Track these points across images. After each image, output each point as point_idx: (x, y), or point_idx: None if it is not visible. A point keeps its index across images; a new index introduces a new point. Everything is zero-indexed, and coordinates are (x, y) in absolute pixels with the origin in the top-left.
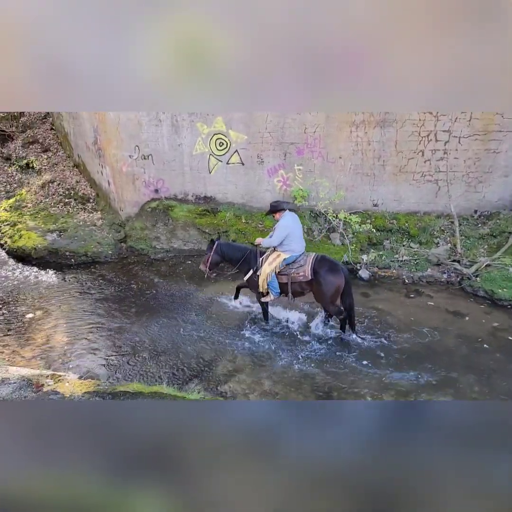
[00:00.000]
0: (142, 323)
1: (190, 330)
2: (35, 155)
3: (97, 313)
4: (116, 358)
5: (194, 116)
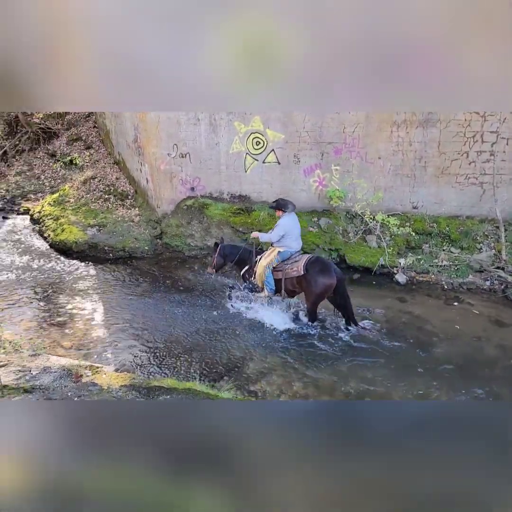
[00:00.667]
0: (176, 318)
1: (224, 327)
2: (78, 152)
3: (132, 307)
4: (149, 352)
5: (232, 115)
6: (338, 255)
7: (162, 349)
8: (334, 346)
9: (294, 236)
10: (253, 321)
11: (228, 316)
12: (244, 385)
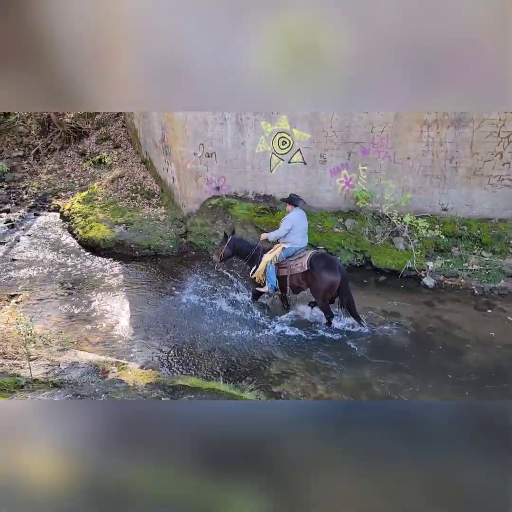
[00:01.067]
0: (199, 317)
1: (247, 327)
2: (107, 151)
3: (157, 305)
4: (173, 349)
5: (259, 114)
6: (363, 257)
7: (185, 347)
8: (358, 348)
9: (300, 232)
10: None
11: (250, 316)
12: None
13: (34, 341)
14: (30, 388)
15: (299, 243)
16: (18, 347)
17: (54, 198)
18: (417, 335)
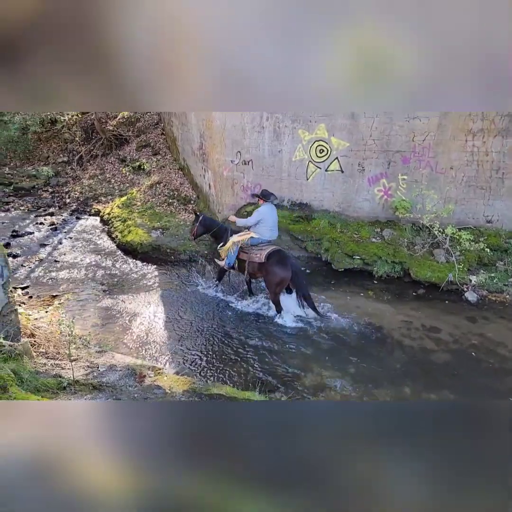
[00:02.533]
0: (235, 323)
1: (280, 336)
2: (146, 158)
3: (192, 310)
4: (208, 355)
5: (297, 123)
6: (401, 268)
7: (220, 354)
8: (395, 364)
9: (269, 226)
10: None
11: (284, 324)
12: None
13: (75, 342)
14: (72, 390)
15: (267, 236)
16: (59, 347)
17: (95, 202)
18: (459, 351)
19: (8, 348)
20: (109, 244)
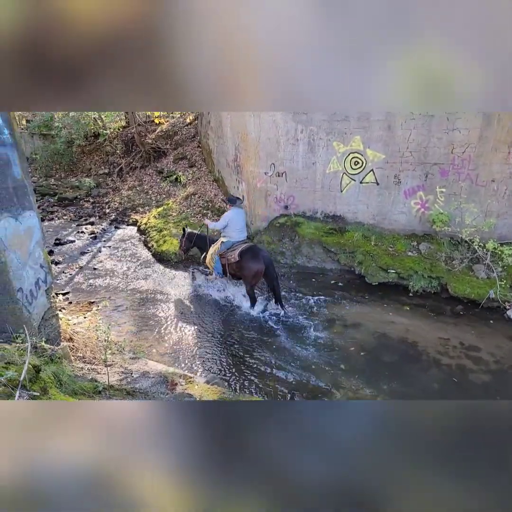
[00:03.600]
0: (267, 335)
1: (313, 350)
2: (183, 170)
3: (224, 320)
4: (237, 365)
5: (331, 135)
6: (439, 284)
7: (249, 364)
8: (431, 383)
9: (237, 228)
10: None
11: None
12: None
13: (110, 348)
14: (107, 395)
15: (235, 237)
16: (96, 352)
17: (133, 212)
18: (500, 373)
19: (49, 351)
20: (145, 253)
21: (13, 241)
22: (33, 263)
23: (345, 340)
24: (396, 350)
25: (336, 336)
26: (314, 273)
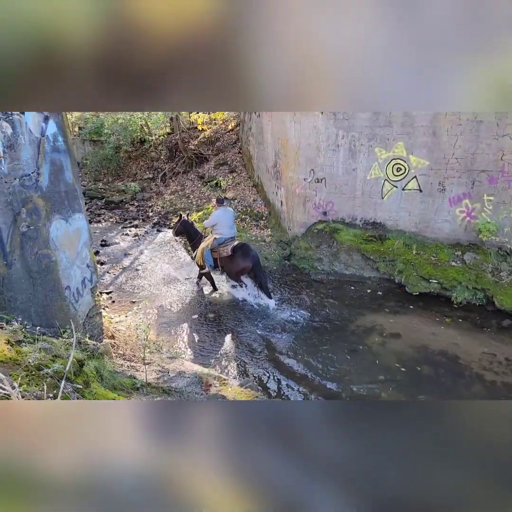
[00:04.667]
0: (300, 341)
1: (349, 358)
2: (223, 175)
3: (256, 326)
4: (270, 372)
5: (373, 141)
6: (484, 296)
7: (284, 369)
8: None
9: (226, 225)
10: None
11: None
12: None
13: (149, 347)
14: (144, 392)
15: (226, 233)
16: (135, 350)
17: (174, 216)
18: None
19: (92, 347)
20: (184, 256)
21: (63, 241)
22: (80, 263)
23: (384, 350)
24: (436, 363)
25: (375, 346)
26: (352, 280)
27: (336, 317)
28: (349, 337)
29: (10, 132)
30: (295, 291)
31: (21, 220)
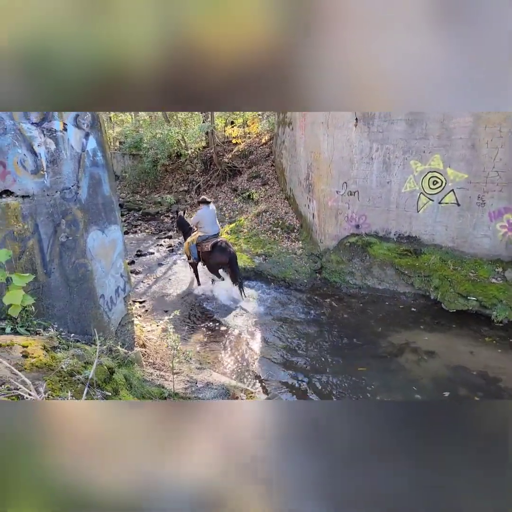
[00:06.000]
0: (330, 357)
1: (376, 377)
2: (256, 188)
3: (286, 337)
4: (299, 387)
5: (409, 153)
6: None
7: (314, 387)
8: None
9: (208, 223)
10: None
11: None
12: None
13: (178, 357)
14: (172, 401)
15: (209, 231)
16: (165, 360)
17: None
18: None
19: (123, 355)
20: None
21: (99, 251)
22: (114, 272)
23: (418, 369)
24: (474, 385)
25: (408, 364)
26: (385, 295)
27: (369, 332)
28: (381, 354)
29: (54, 148)
30: (326, 305)
31: (61, 231)
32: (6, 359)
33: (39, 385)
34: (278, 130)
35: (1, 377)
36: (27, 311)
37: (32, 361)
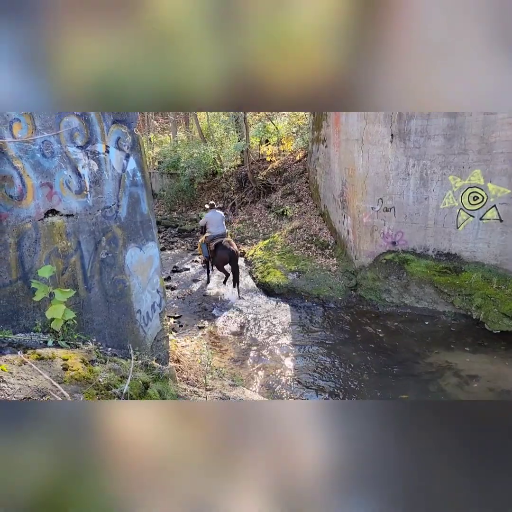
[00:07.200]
0: (363, 377)
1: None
2: (290, 204)
3: (320, 357)
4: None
5: (447, 169)
6: None
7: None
8: None
9: (215, 225)
10: None
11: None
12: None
13: (211, 373)
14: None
15: (216, 232)
16: (198, 375)
17: (241, 244)
18: None
19: (158, 370)
20: (250, 283)
21: (137, 268)
22: (151, 288)
23: (459, 393)
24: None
25: (449, 388)
26: (423, 314)
27: (407, 353)
28: (420, 376)
29: (96, 169)
30: (361, 323)
31: (101, 248)
32: (48, 372)
33: (77, 398)
34: (312, 147)
35: (42, 389)
36: (68, 325)
37: (72, 373)
